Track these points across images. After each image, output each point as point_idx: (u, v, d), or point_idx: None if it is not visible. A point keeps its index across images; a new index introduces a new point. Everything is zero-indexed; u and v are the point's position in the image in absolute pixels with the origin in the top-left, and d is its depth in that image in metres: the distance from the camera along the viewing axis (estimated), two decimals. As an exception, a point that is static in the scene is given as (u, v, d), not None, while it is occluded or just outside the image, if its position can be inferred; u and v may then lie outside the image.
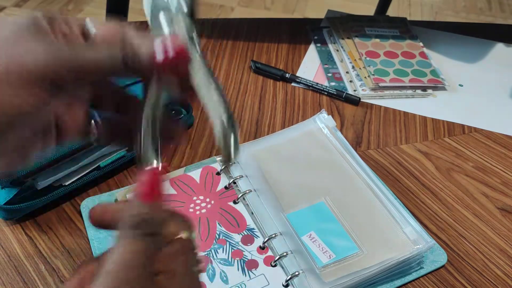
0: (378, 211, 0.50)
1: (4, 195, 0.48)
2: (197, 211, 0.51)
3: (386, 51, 0.77)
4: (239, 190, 0.52)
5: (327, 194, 0.51)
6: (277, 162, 0.55)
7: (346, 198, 0.51)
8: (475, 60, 0.80)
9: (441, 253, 0.49)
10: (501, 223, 0.53)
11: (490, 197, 0.56)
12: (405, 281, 0.47)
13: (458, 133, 0.65)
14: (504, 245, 0.51)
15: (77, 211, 0.51)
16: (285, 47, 0.80)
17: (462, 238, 0.52)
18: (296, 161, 0.55)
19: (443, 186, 0.57)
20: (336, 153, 0.55)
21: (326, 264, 0.45)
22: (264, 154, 0.55)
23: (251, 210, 0.50)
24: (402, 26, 0.83)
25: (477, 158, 0.61)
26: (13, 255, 0.48)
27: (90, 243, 0.48)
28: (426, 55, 0.77)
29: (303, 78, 0.71)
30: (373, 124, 0.66)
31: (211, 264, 0.46)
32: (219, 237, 0.48)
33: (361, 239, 0.47)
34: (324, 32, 0.83)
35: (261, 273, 0.46)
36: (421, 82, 0.71)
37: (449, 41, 0.83)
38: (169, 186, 0.53)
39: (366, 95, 0.70)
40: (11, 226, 0.50)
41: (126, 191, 0.52)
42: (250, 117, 0.66)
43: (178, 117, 0.60)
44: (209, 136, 0.62)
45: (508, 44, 0.84)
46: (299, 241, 0.47)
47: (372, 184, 0.52)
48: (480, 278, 0.48)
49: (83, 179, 0.52)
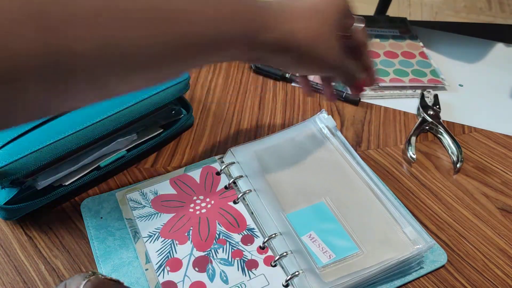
0: (378, 211, 0.50)
1: (4, 195, 0.48)
2: (197, 211, 0.51)
3: (386, 51, 0.77)
4: (239, 190, 0.52)
5: (327, 194, 0.51)
6: (277, 162, 0.55)
7: (346, 198, 0.51)
8: (475, 60, 0.80)
9: (441, 253, 0.49)
10: (501, 223, 0.53)
11: (490, 197, 0.56)
12: (405, 281, 0.47)
13: (458, 133, 0.65)
14: (504, 245, 0.51)
15: (77, 211, 0.51)
16: (285, 47, 0.80)
17: (462, 238, 0.52)
18: (296, 161, 0.55)
19: (443, 186, 0.57)
20: (336, 153, 0.55)
21: (326, 264, 0.45)
22: (264, 154, 0.55)
23: (251, 210, 0.51)
24: (402, 26, 0.83)
25: (477, 158, 0.61)
26: (13, 255, 0.48)
27: (90, 243, 0.48)
28: (426, 55, 0.77)
29: (303, 78, 0.71)
30: (373, 124, 0.66)
31: (211, 264, 0.46)
32: (219, 237, 0.48)
33: (361, 239, 0.47)
34: (324, 32, 0.83)
35: (261, 273, 0.46)
36: (421, 82, 0.71)
37: (449, 41, 0.83)
38: (169, 186, 0.53)
39: (366, 95, 0.70)
40: (11, 226, 0.50)
41: (126, 191, 0.52)
42: (250, 117, 0.66)
43: (178, 117, 0.60)
44: (209, 136, 0.62)
45: (508, 44, 0.84)
46: (299, 241, 0.47)
47: (372, 184, 0.52)
48: (480, 278, 0.48)
49: (83, 179, 0.52)
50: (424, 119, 0.65)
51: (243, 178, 0.53)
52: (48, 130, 0.49)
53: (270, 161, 0.55)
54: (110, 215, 0.50)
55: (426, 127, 0.65)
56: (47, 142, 0.48)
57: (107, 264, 0.46)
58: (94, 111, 0.51)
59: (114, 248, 0.48)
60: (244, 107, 0.67)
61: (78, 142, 0.50)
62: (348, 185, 0.52)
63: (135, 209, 0.51)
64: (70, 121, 0.50)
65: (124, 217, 0.50)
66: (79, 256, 0.48)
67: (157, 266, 0.46)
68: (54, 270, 0.46)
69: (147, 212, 0.50)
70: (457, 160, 0.59)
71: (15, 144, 0.47)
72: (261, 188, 0.52)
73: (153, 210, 0.51)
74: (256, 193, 0.51)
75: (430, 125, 0.65)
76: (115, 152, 0.54)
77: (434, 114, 0.65)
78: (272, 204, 0.50)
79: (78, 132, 0.49)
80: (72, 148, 0.49)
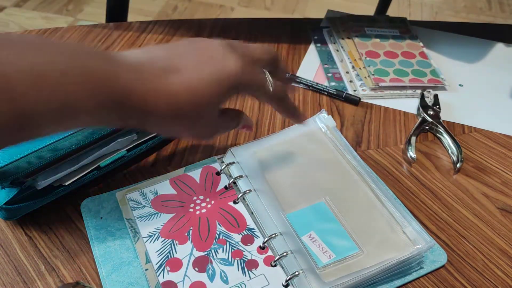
0: (378, 211, 0.50)
1: (4, 195, 0.48)
2: (197, 211, 0.51)
3: (386, 51, 0.77)
4: (239, 190, 0.52)
5: (327, 194, 0.51)
6: (277, 162, 0.55)
7: (346, 198, 0.51)
8: (475, 60, 0.80)
9: (441, 253, 0.49)
10: (501, 223, 0.53)
11: (490, 197, 0.56)
12: (405, 281, 0.47)
13: (458, 133, 0.65)
14: (504, 245, 0.51)
15: (77, 211, 0.51)
16: (285, 47, 0.80)
17: (462, 238, 0.52)
18: (296, 161, 0.55)
19: (443, 186, 0.57)
20: (336, 153, 0.55)
21: (326, 264, 0.45)
22: (264, 154, 0.55)
23: (251, 210, 0.51)
24: (402, 26, 0.83)
25: (477, 158, 0.61)
26: (13, 255, 0.48)
27: (90, 243, 0.48)
28: (426, 55, 0.77)
29: (303, 78, 0.71)
30: (373, 124, 0.66)
31: (211, 264, 0.46)
32: (219, 237, 0.48)
33: (361, 239, 0.47)
34: (324, 32, 0.83)
35: (261, 273, 0.46)
36: (421, 82, 0.71)
37: (449, 41, 0.83)
38: (169, 186, 0.53)
39: (366, 95, 0.70)
40: (11, 226, 0.50)
41: (126, 191, 0.52)
42: (250, 117, 0.66)
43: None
44: (209, 136, 0.62)
45: (508, 44, 0.84)
46: (299, 241, 0.47)
47: (372, 184, 0.52)
48: (480, 278, 0.48)
49: (83, 179, 0.52)
50: (424, 119, 0.65)
51: (243, 178, 0.53)
52: (48, 130, 0.49)
53: (270, 161, 0.55)
54: (110, 215, 0.50)
55: (426, 127, 0.65)
56: (47, 142, 0.48)
57: (107, 264, 0.46)
58: (94, 111, 0.51)
59: (114, 248, 0.48)
60: (244, 107, 0.67)
61: (78, 142, 0.50)
62: (348, 185, 0.52)
63: (135, 209, 0.51)
64: (70, 121, 0.50)
65: (124, 217, 0.50)
66: (79, 256, 0.48)
67: (157, 266, 0.46)
68: (54, 270, 0.46)
69: (147, 212, 0.50)
70: (457, 160, 0.59)
71: (15, 144, 0.47)
72: (261, 188, 0.52)
73: (153, 210, 0.51)
74: (256, 193, 0.51)
75: (430, 125, 0.65)
76: (115, 152, 0.54)
77: (434, 114, 0.65)
78: (272, 204, 0.50)
79: (78, 132, 0.49)
80: (72, 148, 0.49)
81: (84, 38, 0.78)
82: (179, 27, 0.83)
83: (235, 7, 2.10)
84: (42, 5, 2.02)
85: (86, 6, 2.04)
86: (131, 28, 0.82)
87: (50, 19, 1.95)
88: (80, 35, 0.79)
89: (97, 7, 2.03)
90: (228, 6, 2.10)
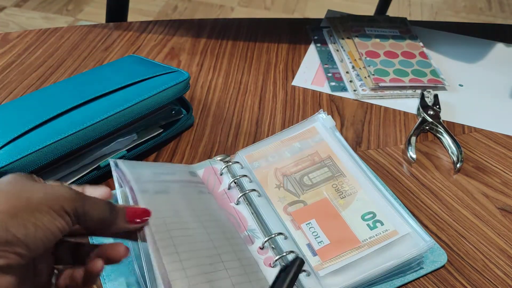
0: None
1: (4, 195, 0.48)
2: (197, 211, 0.51)
3: (386, 51, 0.77)
4: (241, 190, 0.52)
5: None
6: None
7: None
8: (475, 60, 0.80)
9: (441, 253, 0.49)
10: (501, 223, 0.53)
11: (490, 197, 0.56)
12: (405, 281, 0.47)
13: (458, 133, 0.65)
14: (504, 245, 0.51)
15: (77, 211, 0.51)
16: (285, 47, 0.80)
17: (462, 238, 0.52)
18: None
19: (443, 186, 0.57)
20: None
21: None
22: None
23: (252, 210, 0.50)
24: (402, 26, 0.83)
25: (477, 158, 0.61)
26: (13, 255, 0.47)
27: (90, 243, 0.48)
28: (426, 55, 0.77)
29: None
30: (373, 124, 0.66)
31: (211, 264, 0.46)
32: (219, 237, 0.48)
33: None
34: (324, 32, 0.83)
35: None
36: (421, 82, 0.71)
37: (449, 41, 0.83)
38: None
39: (366, 95, 0.70)
40: (11, 226, 0.50)
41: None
42: (250, 117, 0.66)
43: (178, 117, 0.60)
44: (209, 136, 0.62)
45: (508, 44, 0.84)
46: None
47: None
48: (480, 278, 0.48)
49: (83, 179, 0.52)
50: (424, 119, 0.65)
51: (244, 178, 0.53)
52: (48, 130, 0.49)
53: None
54: (110, 215, 0.50)
55: (426, 127, 0.65)
56: (47, 142, 0.48)
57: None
58: (94, 111, 0.51)
59: (114, 248, 0.47)
60: (244, 107, 0.67)
61: (78, 142, 0.50)
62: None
63: (135, 209, 0.50)
64: (70, 121, 0.50)
65: (124, 217, 0.50)
66: (79, 256, 0.48)
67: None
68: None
69: (147, 212, 0.50)
70: (457, 160, 0.59)
71: (15, 144, 0.47)
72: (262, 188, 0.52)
73: (153, 210, 0.50)
74: (258, 193, 0.51)
75: (430, 125, 0.65)
76: (115, 152, 0.54)
77: (434, 114, 0.65)
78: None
79: (78, 132, 0.49)
80: (72, 148, 0.49)
81: (84, 38, 0.78)
82: (179, 27, 0.83)
83: (235, 7, 2.10)
84: (42, 5, 2.02)
85: (86, 6, 2.04)
86: (131, 28, 0.82)
87: (50, 19, 1.95)
88: (80, 35, 0.79)
89: (97, 7, 2.03)
90: (228, 6, 2.10)
